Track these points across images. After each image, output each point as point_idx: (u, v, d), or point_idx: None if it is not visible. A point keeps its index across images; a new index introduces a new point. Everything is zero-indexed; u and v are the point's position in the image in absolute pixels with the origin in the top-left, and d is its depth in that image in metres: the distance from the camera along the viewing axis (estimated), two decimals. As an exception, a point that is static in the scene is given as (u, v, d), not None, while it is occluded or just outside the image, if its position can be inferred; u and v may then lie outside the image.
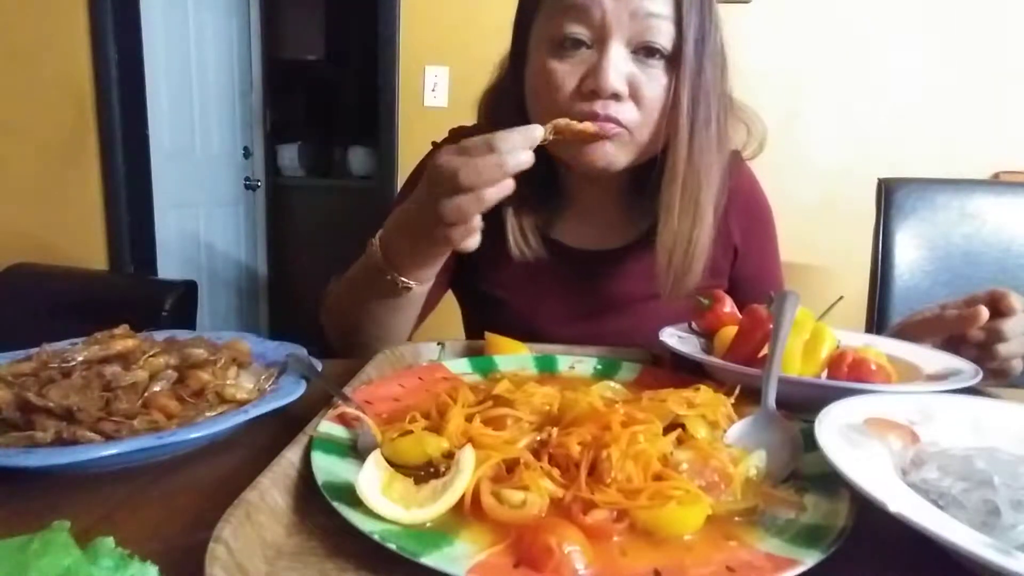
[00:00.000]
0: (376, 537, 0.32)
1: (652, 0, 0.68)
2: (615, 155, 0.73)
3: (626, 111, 0.70)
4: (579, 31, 0.69)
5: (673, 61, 0.70)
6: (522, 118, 0.76)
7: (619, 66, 0.68)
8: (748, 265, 0.90)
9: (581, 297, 0.87)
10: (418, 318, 0.81)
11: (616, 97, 0.69)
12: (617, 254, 0.86)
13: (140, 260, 2.58)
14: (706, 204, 0.76)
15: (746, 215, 0.89)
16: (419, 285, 0.68)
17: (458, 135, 0.85)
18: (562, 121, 0.65)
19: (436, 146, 0.92)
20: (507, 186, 0.57)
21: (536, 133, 0.58)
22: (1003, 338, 0.66)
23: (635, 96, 0.70)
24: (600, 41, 0.69)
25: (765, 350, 0.58)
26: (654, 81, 0.70)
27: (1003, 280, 0.71)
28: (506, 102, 0.81)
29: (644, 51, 0.70)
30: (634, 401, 0.49)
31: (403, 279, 0.67)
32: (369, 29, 2.57)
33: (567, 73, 0.70)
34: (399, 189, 0.94)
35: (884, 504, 0.32)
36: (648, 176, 0.77)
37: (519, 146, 0.56)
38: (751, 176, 0.92)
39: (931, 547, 0.31)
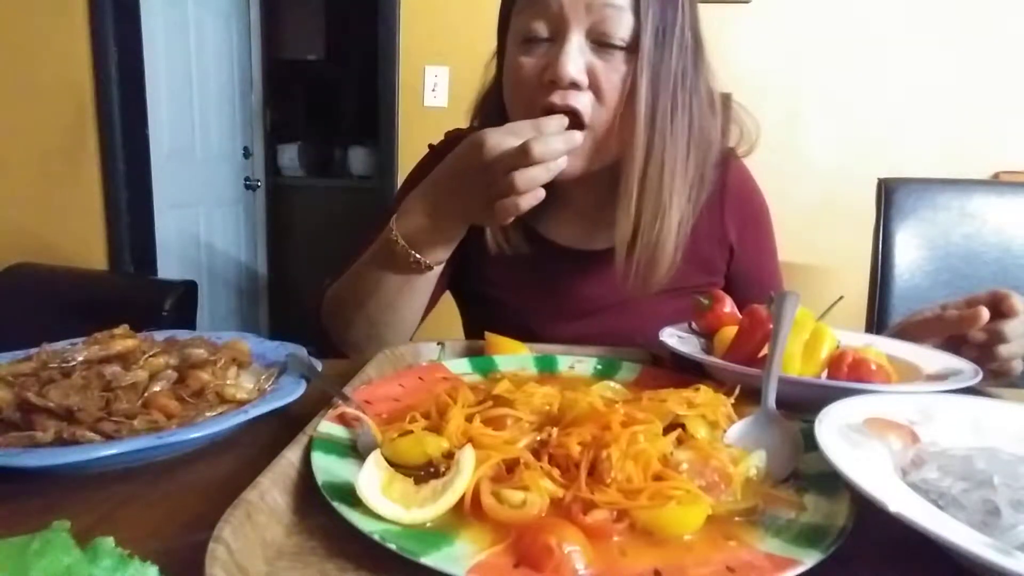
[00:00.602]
0: (376, 537, 0.32)
1: None
2: (571, 164, 0.73)
3: (585, 101, 0.71)
4: (541, 25, 0.71)
5: (633, 51, 0.71)
6: (506, 118, 0.77)
7: (576, 56, 0.69)
8: (744, 262, 0.90)
9: (575, 296, 0.87)
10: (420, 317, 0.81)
11: (575, 87, 0.70)
12: (607, 254, 0.86)
13: (140, 260, 2.59)
14: (670, 197, 0.75)
15: (740, 212, 0.89)
16: (437, 265, 0.72)
17: (455, 138, 0.85)
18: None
19: (432, 149, 0.92)
20: (564, 160, 0.63)
21: (564, 121, 0.65)
22: (1004, 339, 0.66)
23: (594, 86, 0.71)
24: (559, 33, 0.70)
25: (765, 350, 0.58)
26: (613, 71, 0.71)
27: (1003, 280, 0.71)
28: (495, 104, 0.82)
29: (604, 41, 0.70)
30: (634, 401, 0.49)
31: (425, 260, 0.70)
32: (369, 29, 2.57)
33: (532, 67, 0.72)
34: (398, 189, 0.95)
35: (884, 504, 0.32)
36: None
37: (559, 128, 0.64)
38: (745, 173, 0.92)
39: (931, 547, 0.31)
